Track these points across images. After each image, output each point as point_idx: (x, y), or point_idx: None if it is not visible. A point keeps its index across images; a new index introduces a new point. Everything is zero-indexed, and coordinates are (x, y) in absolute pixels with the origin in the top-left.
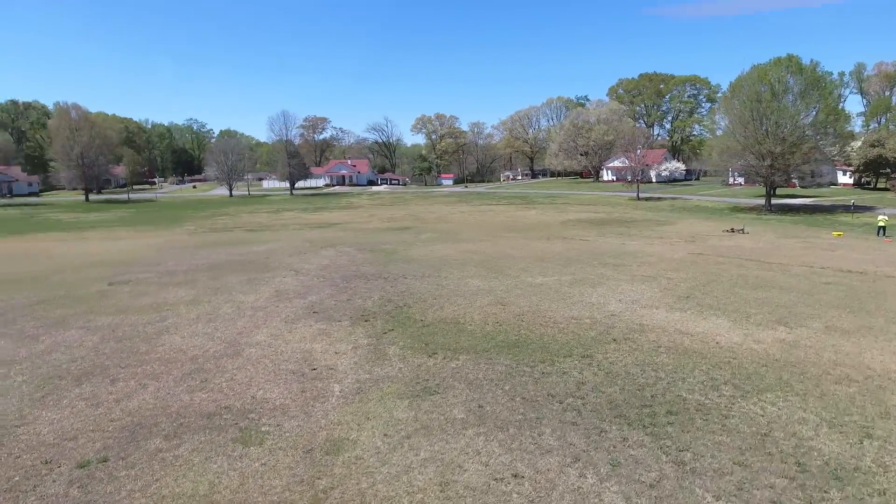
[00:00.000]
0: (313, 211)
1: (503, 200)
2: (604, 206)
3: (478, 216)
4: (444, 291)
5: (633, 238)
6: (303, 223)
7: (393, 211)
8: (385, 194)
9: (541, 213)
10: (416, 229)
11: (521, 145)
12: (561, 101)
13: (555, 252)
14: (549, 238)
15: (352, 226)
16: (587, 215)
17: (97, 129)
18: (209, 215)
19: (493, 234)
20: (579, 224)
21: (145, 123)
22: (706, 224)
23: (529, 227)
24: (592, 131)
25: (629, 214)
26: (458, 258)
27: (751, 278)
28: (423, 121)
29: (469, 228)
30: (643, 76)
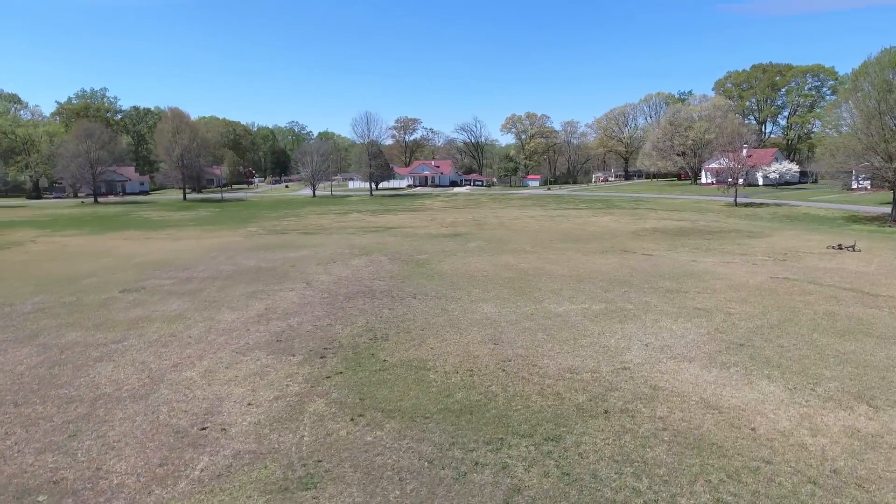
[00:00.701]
0: (380, 213)
1: (582, 204)
2: (692, 212)
3: (544, 223)
4: (439, 320)
5: (708, 254)
6: (360, 226)
7: (458, 215)
8: (462, 196)
9: (615, 220)
10: (468, 236)
11: (615, 145)
12: (660, 98)
13: (603, 270)
14: (607, 251)
15: (406, 230)
16: (667, 223)
17: (196, 132)
18: (280, 216)
19: (546, 245)
20: (652, 234)
21: (251, 126)
22: (809, 238)
23: (593, 236)
24: (691, 129)
25: (718, 223)
26: (488, 274)
27: (841, 318)
28: (513, 120)
29: (524, 237)
30: (756, 67)
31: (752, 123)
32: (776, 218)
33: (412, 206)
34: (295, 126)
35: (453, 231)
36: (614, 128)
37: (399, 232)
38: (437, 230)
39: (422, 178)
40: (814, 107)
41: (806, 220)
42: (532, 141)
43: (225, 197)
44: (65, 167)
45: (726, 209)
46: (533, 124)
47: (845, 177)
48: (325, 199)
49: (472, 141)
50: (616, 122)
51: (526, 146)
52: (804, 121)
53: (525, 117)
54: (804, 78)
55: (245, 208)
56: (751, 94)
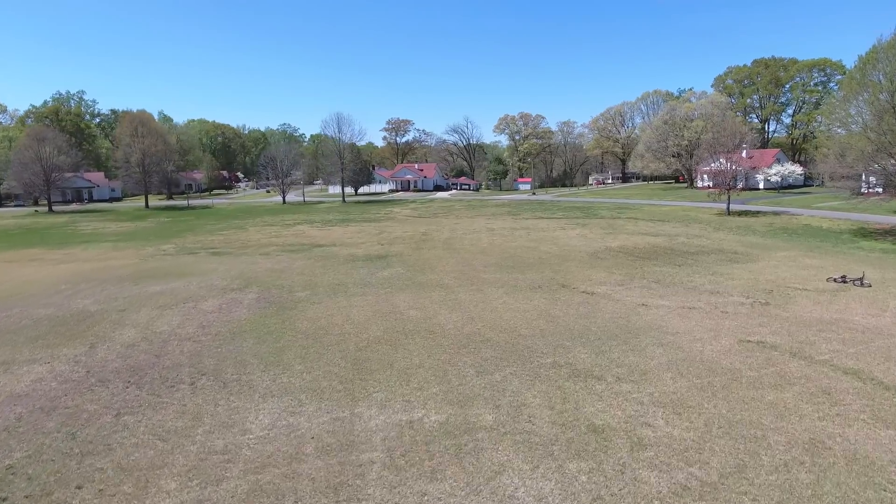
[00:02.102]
0: (330, 225)
1: (559, 213)
2: (676, 222)
3: (498, 238)
4: (149, 455)
5: (669, 291)
6: (288, 243)
7: (413, 227)
8: (438, 203)
9: (582, 235)
10: (394, 259)
11: (611, 146)
12: (658, 95)
13: (511, 324)
14: (542, 287)
15: (332, 250)
16: (640, 240)
17: (160, 135)
18: (222, 228)
19: (473, 276)
20: (614, 257)
21: (242, 129)
22: (805, 262)
23: (541, 260)
24: (687, 129)
25: (700, 239)
26: (351, 331)
27: (839, 443)
28: (506, 121)
29: (458, 261)
30: (758, 62)
31: (754, 122)
32: (771, 231)
33: (373, 216)
34: (287, 128)
35: (384, 251)
36: (611, 128)
37: (322, 252)
38: (368, 250)
39: (404, 182)
40: (820, 103)
41: (806, 233)
42: (526, 142)
43: (191, 204)
44: (16, 174)
45: (716, 219)
46: (527, 125)
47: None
48: (292, 207)
49: (463, 143)
50: (612, 121)
51: (519, 148)
52: (810, 118)
53: (518, 118)
54: (810, 73)
55: (198, 217)
56: (752, 90)
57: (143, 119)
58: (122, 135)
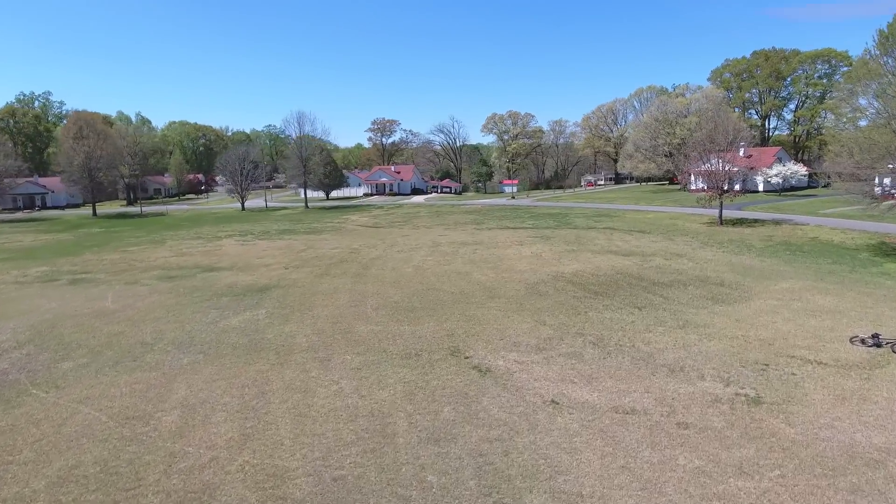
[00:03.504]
0: (260, 238)
1: (529, 221)
2: (658, 235)
3: (434, 259)
4: None
5: (607, 367)
6: (177, 264)
7: (348, 242)
8: (405, 209)
9: (536, 256)
10: (275, 293)
11: (602, 145)
12: (652, 91)
13: (268, 466)
14: (421, 355)
15: (214, 277)
16: (605, 261)
17: (107, 137)
18: (143, 241)
19: (345, 327)
20: (561, 290)
21: (225, 131)
22: (817, 301)
23: (463, 296)
24: (679, 125)
25: (680, 261)
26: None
27: None
28: (494, 120)
29: (352, 297)
30: (757, 54)
31: (754, 118)
32: (770, 248)
33: (323, 226)
34: (273, 129)
35: (278, 279)
36: (603, 126)
37: (200, 281)
38: (262, 276)
39: (379, 185)
40: (825, 97)
41: (814, 251)
42: (514, 142)
43: (145, 212)
44: None
45: (706, 230)
46: (515, 124)
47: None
48: (247, 215)
49: (449, 143)
50: (605, 119)
51: (508, 148)
52: (813, 114)
53: (507, 116)
54: (813, 64)
55: (135, 228)
56: (751, 84)
57: (88, 120)
58: (65, 136)
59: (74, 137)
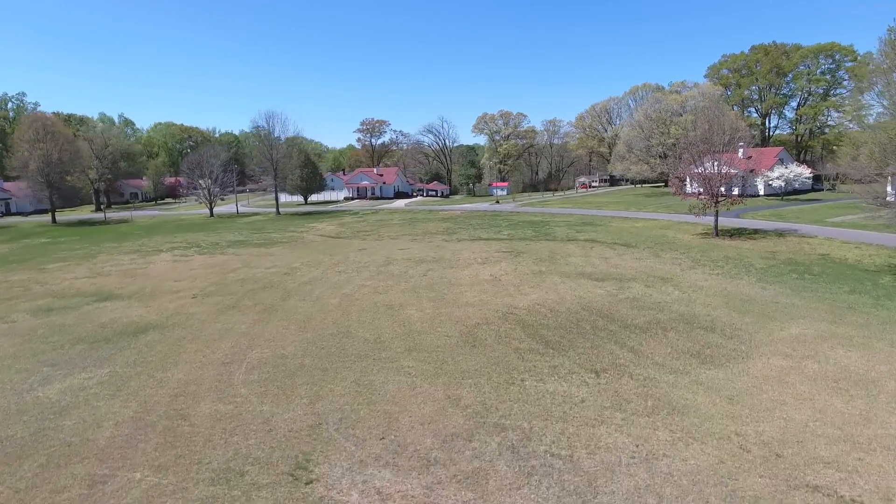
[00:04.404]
0: (204, 251)
1: (505, 231)
2: (643, 250)
3: (373, 284)
4: None
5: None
6: (75, 290)
7: (294, 258)
8: (380, 215)
9: (494, 280)
10: (150, 336)
11: (596, 146)
12: (647, 89)
13: None
14: (231, 479)
15: (97, 309)
16: (573, 289)
17: (67, 140)
18: (76, 254)
19: (177, 411)
20: (504, 338)
21: (212, 132)
22: (838, 356)
23: (377, 345)
24: (674, 124)
25: (664, 288)
26: None
27: None
28: (485, 120)
29: (228, 350)
30: (756, 49)
31: (753, 116)
32: (774, 268)
33: (282, 236)
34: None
35: (171, 314)
36: (597, 126)
37: (75, 316)
38: (162, 307)
39: (361, 189)
40: (828, 94)
41: (826, 273)
42: (506, 143)
43: (109, 218)
44: None
45: (699, 243)
46: (507, 124)
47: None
48: (211, 222)
49: (438, 144)
50: (599, 119)
51: (499, 148)
52: (816, 112)
53: (498, 116)
54: (816, 59)
55: (81, 238)
56: (750, 80)
57: (45, 121)
58: (20, 139)
59: (30, 140)
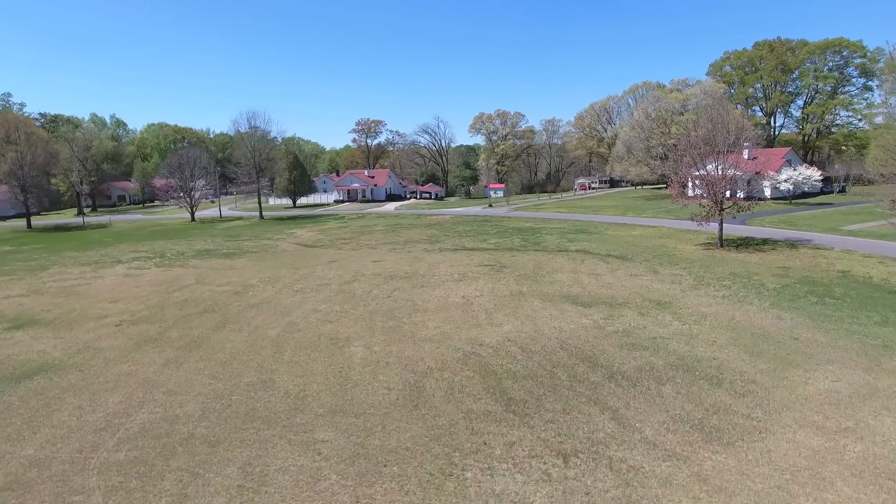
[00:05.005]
0: (167, 263)
1: (492, 238)
2: (639, 265)
3: (323, 309)
4: None
5: None
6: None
7: (257, 272)
8: (365, 220)
9: (466, 304)
10: (39, 380)
11: (595, 146)
12: (648, 87)
13: None
14: None
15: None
16: (554, 318)
17: (40, 141)
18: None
19: None
20: (452, 400)
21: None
22: (887, 428)
23: (274, 415)
24: (674, 123)
25: (660, 318)
26: None
27: None
28: (482, 120)
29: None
30: (760, 45)
31: (758, 115)
32: (788, 289)
33: (257, 243)
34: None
35: (66, 355)
36: (596, 126)
37: None
38: (82, 338)
39: (351, 191)
40: (836, 92)
41: (850, 297)
42: (503, 143)
43: (87, 223)
44: None
45: (703, 255)
46: (504, 124)
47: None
48: (192, 227)
49: (434, 145)
50: (598, 118)
51: (496, 149)
52: (824, 110)
53: (496, 116)
54: (823, 55)
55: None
56: (755, 78)
57: (15, 123)
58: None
59: (1, 142)
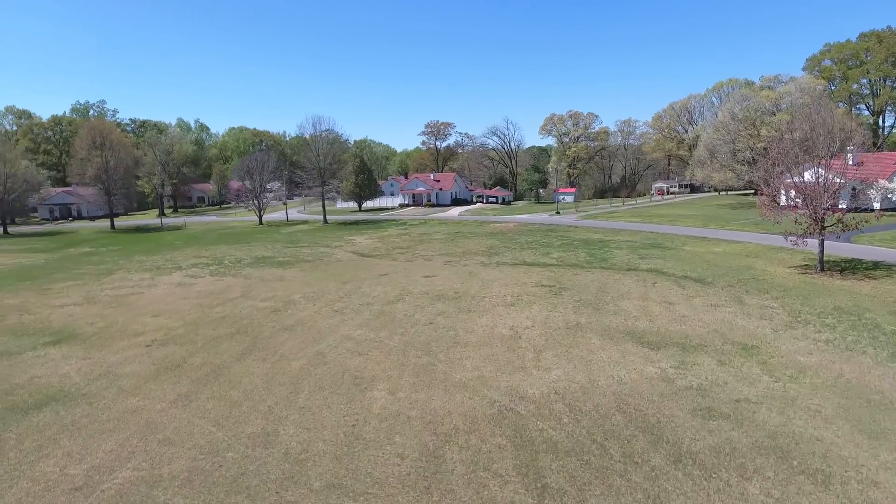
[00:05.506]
0: (220, 270)
1: (555, 251)
2: (720, 290)
3: (357, 336)
4: None
5: None
6: (36, 329)
7: (298, 284)
8: (427, 227)
9: (511, 339)
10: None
11: (674, 148)
12: (734, 85)
13: None
14: None
15: (5, 368)
16: (606, 366)
17: (123, 148)
18: (98, 269)
19: None
20: (472, 483)
21: (283, 136)
22: None
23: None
24: (765, 125)
25: (744, 369)
26: None
27: None
28: (553, 121)
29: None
30: (866, 35)
31: (864, 114)
32: None
33: (315, 250)
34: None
35: (82, 382)
36: (676, 126)
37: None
38: (108, 359)
39: (417, 195)
40: None
41: None
42: (575, 145)
43: (165, 224)
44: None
45: (799, 281)
46: (577, 125)
47: None
48: (254, 231)
49: (503, 147)
50: (678, 118)
51: (568, 151)
52: None
53: (568, 117)
54: None
55: (122, 248)
56: (860, 73)
57: (101, 129)
58: (80, 147)
59: (87, 147)
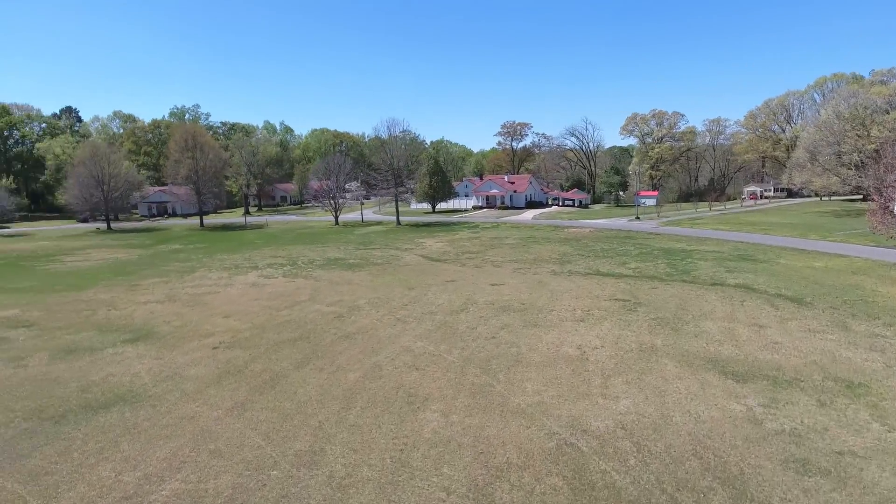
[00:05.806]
0: (293, 270)
1: (633, 261)
2: (820, 313)
3: (417, 348)
4: None
5: None
6: (121, 325)
7: (364, 288)
8: (498, 231)
9: (578, 360)
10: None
11: (769, 149)
12: (839, 80)
13: None
14: None
15: (79, 368)
16: (681, 403)
17: (212, 150)
18: (183, 266)
19: None
20: None
21: (363, 137)
22: None
23: None
24: (876, 125)
25: (850, 417)
26: None
27: None
28: (635, 121)
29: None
30: None
31: None
32: None
33: (386, 252)
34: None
35: (150, 382)
36: (772, 125)
37: (70, 370)
38: (179, 360)
39: (490, 197)
40: None
41: None
42: (658, 146)
43: (249, 223)
44: (69, 189)
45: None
46: (661, 125)
47: None
48: (329, 231)
49: (581, 148)
50: (774, 117)
51: (650, 152)
52: None
53: (651, 117)
54: None
55: (208, 245)
56: None
57: (193, 132)
58: (173, 149)
59: (181, 150)
